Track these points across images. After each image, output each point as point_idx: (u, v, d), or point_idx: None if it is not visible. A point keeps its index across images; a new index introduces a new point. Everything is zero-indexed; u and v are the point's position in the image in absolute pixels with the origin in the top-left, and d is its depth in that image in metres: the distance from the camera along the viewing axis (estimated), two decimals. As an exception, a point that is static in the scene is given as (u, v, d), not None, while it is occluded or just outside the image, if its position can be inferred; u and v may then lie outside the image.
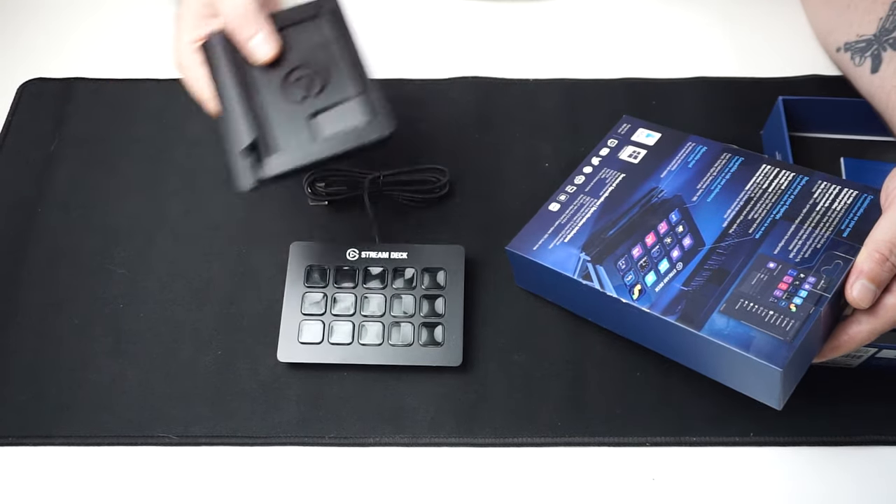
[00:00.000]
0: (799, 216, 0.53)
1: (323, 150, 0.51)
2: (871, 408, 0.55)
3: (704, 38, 0.74)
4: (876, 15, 0.63)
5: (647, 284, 0.52)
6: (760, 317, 0.48)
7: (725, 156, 0.58)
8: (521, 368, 0.57)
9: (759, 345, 0.47)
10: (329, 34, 0.54)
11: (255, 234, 0.63)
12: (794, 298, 0.49)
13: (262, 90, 0.53)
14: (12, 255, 0.62)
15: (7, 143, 0.68)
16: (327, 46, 0.54)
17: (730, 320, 0.49)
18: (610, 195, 0.57)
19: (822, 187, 0.54)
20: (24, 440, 0.55)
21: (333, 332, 0.56)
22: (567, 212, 0.57)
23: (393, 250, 0.59)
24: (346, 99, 0.52)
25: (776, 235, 0.52)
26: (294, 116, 0.52)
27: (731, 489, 0.53)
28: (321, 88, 0.53)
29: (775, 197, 0.54)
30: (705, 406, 0.55)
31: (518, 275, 0.59)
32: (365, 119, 0.51)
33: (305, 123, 0.52)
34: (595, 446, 0.55)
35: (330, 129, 0.52)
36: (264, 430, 0.55)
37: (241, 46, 0.53)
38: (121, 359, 0.58)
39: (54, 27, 0.75)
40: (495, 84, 0.70)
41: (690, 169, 0.58)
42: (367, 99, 0.52)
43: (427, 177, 0.63)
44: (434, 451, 0.55)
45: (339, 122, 0.52)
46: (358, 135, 0.51)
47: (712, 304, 0.50)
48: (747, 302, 0.49)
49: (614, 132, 0.62)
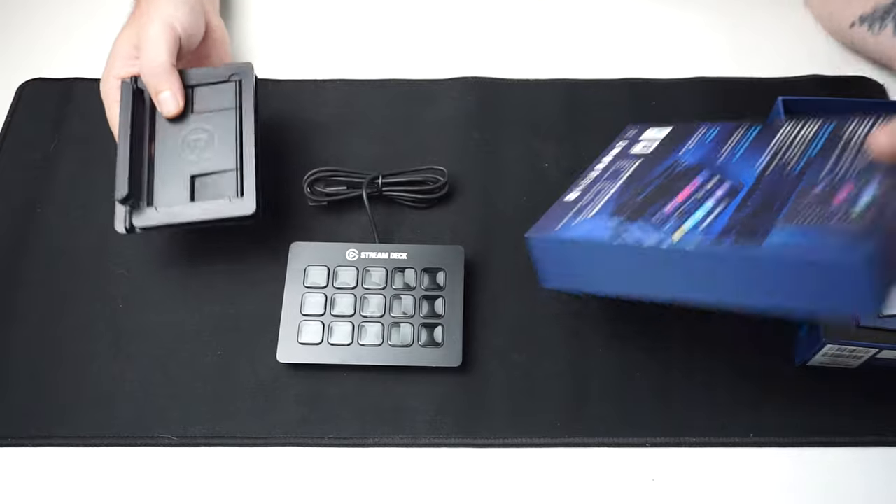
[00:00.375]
0: (836, 150, 0.49)
1: (192, 215, 0.55)
2: (871, 408, 0.55)
3: (704, 38, 0.74)
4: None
5: (689, 227, 0.47)
6: (825, 225, 0.43)
7: (743, 126, 0.55)
8: (521, 369, 0.57)
9: (833, 246, 0.41)
10: (232, 101, 0.58)
11: (255, 234, 0.62)
12: (854, 208, 0.44)
13: (161, 138, 0.57)
14: (12, 255, 0.62)
15: (7, 143, 0.68)
16: (227, 111, 0.58)
17: (793, 230, 0.43)
18: (630, 176, 0.54)
19: (854, 124, 0.51)
20: (24, 440, 0.55)
21: (333, 332, 0.56)
22: (585, 198, 0.54)
23: (393, 251, 0.59)
24: (225, 170, 0.56)
25: (816, 168, 0.48)
26: (179, 174, 0.56)
27: (731, 490, 0.53)
28: (209, 152, 0.57)
29: (805, 143, 0.51)
30: (705, 407, 0.55)
31: (542, 268, 0.54)
32: (233, 195, 0.55)
33: (186, 182, 0.56)
34: (595, 447, 0.55)
35: (203, 195, 0.55)
36: (264, 431, 0.55)
37: (153, 97, 0.58)
38: (121, 359, 0.58)
39: (54, 27, 0.75)
40: (495, 84, 0.70)
41: (708, 144, 0.55)
42: (240, 176, 0.56)
43: (427, 177, 0.63)
44: (434, 451, 0.55)
45: (213, 191, 0.56)
46: (221, 209, 0.55)
47: (768, 223, 0.44)
48: (806, 216, 0.44)
49: (621, 137, 0.61)
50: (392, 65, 0.72)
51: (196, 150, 0.57)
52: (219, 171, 0.56)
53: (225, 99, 0.59)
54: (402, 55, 0.73)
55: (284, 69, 0.71)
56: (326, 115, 0.68)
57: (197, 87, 0.59)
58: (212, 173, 0.56)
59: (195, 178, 0.56)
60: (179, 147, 0.57)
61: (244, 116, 0.58)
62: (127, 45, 0.61)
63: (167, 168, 0.57)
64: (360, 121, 0.68)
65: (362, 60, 0.72)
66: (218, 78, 0.59)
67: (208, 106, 0.59)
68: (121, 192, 0.55)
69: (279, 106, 0.69)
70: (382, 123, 0.68)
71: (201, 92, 0.59)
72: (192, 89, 0.59)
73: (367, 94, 0.70)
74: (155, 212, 0.55)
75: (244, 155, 0.57)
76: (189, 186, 0.56)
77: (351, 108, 0.69)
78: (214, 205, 0.55)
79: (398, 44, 0.74)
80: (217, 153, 0.57)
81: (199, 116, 0.58)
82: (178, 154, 0.57)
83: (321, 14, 0.76)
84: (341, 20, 0.75)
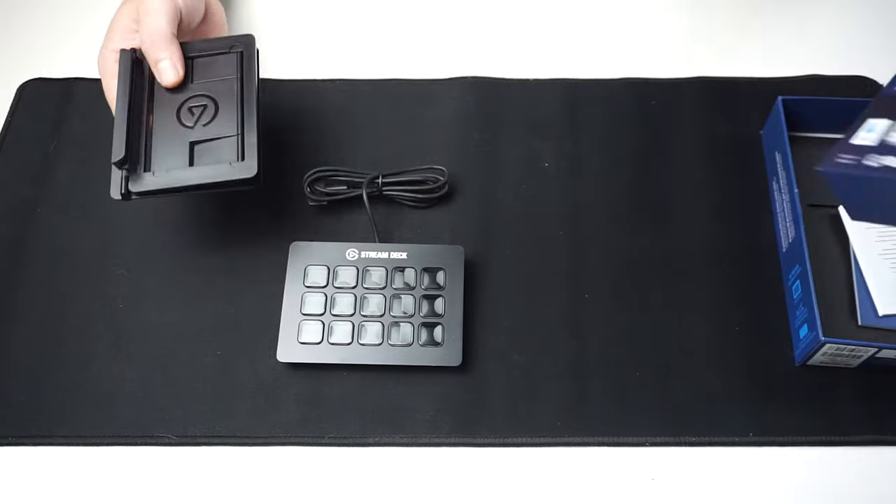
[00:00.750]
0: None
1: (190, 178, 0.54)
2: (871, 408, 0.55)
3: (704, 38, 0.74)
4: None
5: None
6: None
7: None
8: (521, 368, 0.57)
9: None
10: (233, 70, 0.57)
11: (255, 234, 0.63)
12: None
13: (159, 109, 0.56)
14: (12, 255, 0.62)
15: (7, 143, 0.68)
16: (229, 82, 0.57)
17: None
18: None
19: None
20: (24, 440, 0.55)
21: (333, 332, 0.56)
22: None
23: (392, 250, 0.59)
24: (226, 136, 0.55)
25: None
26: (178, 140, 0.55)
27: (731, 489, 0.53)
28: (210, 120, 0.56)
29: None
30: (704, 406, 0.55)
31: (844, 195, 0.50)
32: (234, 159, 0.54)
33: (185, 149, 0.55)
34: (594, 446, 0.55)
35: (203, 160, 0.54)
36: (264, 430, 0.55)
37: (152, 66, 0.57)
38: (121, 359, 0.58)
39: (54, 27, 0.75)
40: (495, 84, 0.70)
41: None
42: (241, 141, 0.55)
43: (427, 177, 0.63)
44: (433, 451, 0.55)
45: (213, 156, 0.55)
46: (222, 172, 0.54)
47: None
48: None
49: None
50: (392, 65, 0.72)
51: (195, 117, 0.56)
52: (219, 136, 0.55)
53: (226, 68, 0.58)
54: (402, 55, 0.73)
55: (285, 69, 0.71)
56: (326, 115, 0.68)
57: (197, 58, 0.58)
58: (212, 139, 0.55)
59: (194, 144, 0.55)
60: (178, 115, 0.56)
61: (245, 84, 0.57)
62: (126, 19, 0.59)
63: (165, 136, 0.55)
64: (360, 120, 0.68)
65: (363, 60, 0.72)
66: (219, 49, 0.58)
67: (209, 75, 0.58)
68: (117, 154, 0.53)
69: (279, 106, 0.69)
70: (382, 123, 0.68)
71: (201, 62, 0.58)
72: (191, 60, 0.58)
73: (367, 94, 0.70)
74: (152, 177, 0.54)
75: (245, 120, 0.56)
76: (188, 153, 0.55)
77: (351, 108, 0.69)
78: (214, 169, 0.54)
79: (398, 44, 0.74)
80: (218, 121, 0.56)
81: (199, 85, 0.57)
82: (176, 122, 0.56)
83: (321, 14, 0.76)
84: (342, 20, 0.75)
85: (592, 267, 0.61)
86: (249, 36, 0.59)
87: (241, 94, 0.57)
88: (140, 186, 0.54)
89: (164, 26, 0.57)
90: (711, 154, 0.66)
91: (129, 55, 0.57)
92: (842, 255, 0.60)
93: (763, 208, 0.63)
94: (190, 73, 0.58)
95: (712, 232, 0.62)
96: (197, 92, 0.57)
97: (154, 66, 0.57)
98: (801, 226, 0.56)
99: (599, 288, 0.60)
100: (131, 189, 0.54)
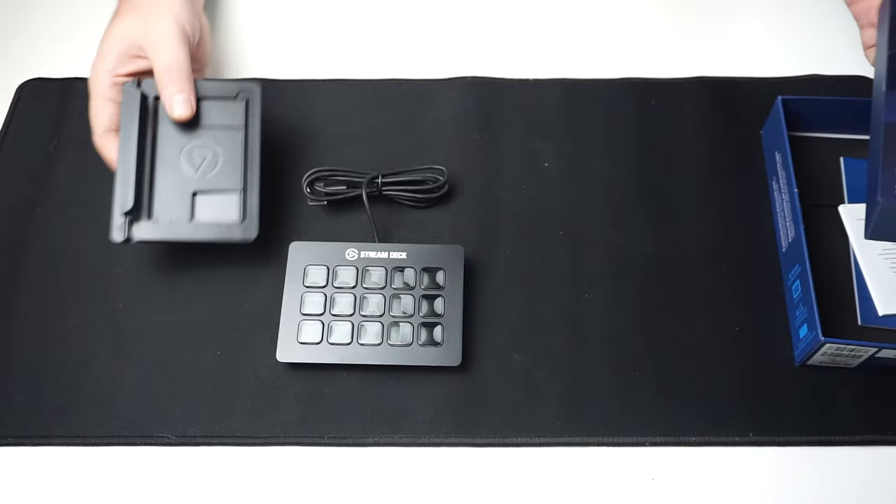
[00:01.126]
0: None
1: (190, 234, 0.55)
2: (870, 407, 0.55)
3: (704, 38, 0.74)
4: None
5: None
6: None
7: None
8: (521, 368, 0.57)
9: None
10: (240, 119, 0.57)
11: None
12: None
13: (162, 151, 0.56)
14: (12, 255, 0.62)
15: (7, 143, 0.68)
16: (234, 130, 0.57)
17: None
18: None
19: None
20: (24, 440, 0.55)
21: (332, 332, 0.56)
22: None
23: (392, 250, 0.59)
24: (229, 190, 0.55)
25: None
26: (180, 188, 0.55)
27: (731, 489, 0.53)
28: (213, 170, 0.56)
29: None
30: (705, 406, 0.55)
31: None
32: (235, 218, 0.54)
33: (187, 199, 0.55)
34: (594, 446, 0.55)
35: (204, 214, 0.55)
36: (264, 430, 0.55)
37: (165, 99, 0.56)
38: (121, 359, 0.58)
39: (54, 27, 0.75)
40: (495, 84, 0.70)
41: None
42: (244, 199, 0.55)
43: (427, 176, 0.63)
44: (433, 451, 0.55)
45: (214, 211, 0.55)
46: (223, 231, 0.55)
47: None
48: None
49: None
50: (392, 65, 0.72)
51: (199, 165, 0.56)
52: (222, 189, 0.56)
53: (233, 116, 0.58)
54: (402, 55, 0.73)
55: (284, 69, 0.71)
56: (326, 115, 0.68)
57: (203, 100, 0.58)
58: (214, 191, 0.56)
59: (196, 193, 0.56)
60: (180, 159, 0.56)
61: (250, 138, 0.57)
62: (126, 41, 0.58)
63: (168, 180, 0.56)
64: (359, 120, 0.68)
65: (362, 60, 0.72)
66: (226, 93, 0.58)
67: (215, 121, 0.57)
68: (126, 204, 0.54)
69: (279, 106, 0.69)
70: (382, 123, 0.68)
71: (208, 105, 0.58)
72: (198, 101, 0.58)
73: (367, 94, 0.70)
74: (155, 225, 0.55)
75: (249, 178, 0.56)
76: (190, 202, 0.55)
77: (351, 108, 0.69)
78: (217, 227, 0.55)
79: (398, 44, 0.74)
80: (221, 172, 0.56)
81: (204, 131, 0.57)
82: (179, 167, 0.56)
83: (321, 14, 0.76)
84: (341, 20, 0.75)
85: (592, 267, 0.61)
86: (256, 83, 0.59)
87: (245, 148, 0.57)
88: (142, 234, 0.55)
89: (182, 58, 0.56)
90: (711, 154, 0.66)
91: (135, 91, 0.56)
92: (841, 254, 0.60)
93: (763, 208, 0.63)
94: (198, 115, 0.57)
95: (712, 231, 0.62)
96: (201, 137, 0.57)
97: (167, 98, 0.56)
98: (801, 226, 0.56)
99: (599, 288, 0.60)
100: (134, 235, 0.55)
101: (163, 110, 0.58)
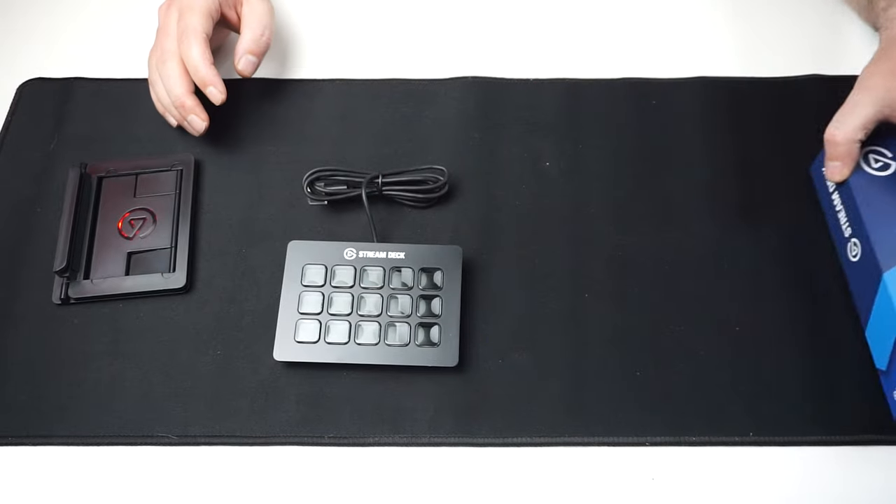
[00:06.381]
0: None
1: (125, 287, 0.59)
2: (870, 408, 0.55)
3: (705, 37, 0.74)
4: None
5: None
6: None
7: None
8: (520, 368, 0.57)
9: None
10: (173, 188, 0.63)
11: (255, 233, 0.63)
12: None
13: (103, 221, 0.62)
14: (12, 255, 0.62)
15: (7, 142, 0.68)
16: (169, 197, 0.63)
17: None
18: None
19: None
20: (24, 440, 0.55)
21: (330, 331, 0.56)
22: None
23: (390, 250, 0.59)
24: (160, 248, 0.61)
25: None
26: (116, 250, 0.61)
27: (731, 489, 0.53)
28: (148, 233, 0.61)
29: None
30: (704, 406, 0.55)
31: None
32: (166, 270, 0.60)
33: (122, 259, 0.60)
34: (594, 446, 0.54)
35: (139, 269, 0.60)
36: (263, 430, 0.55)
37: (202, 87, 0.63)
38: (121, 359, 0.58)
39: (54, 27, 0.75)
40: (495, 84, 0.70)
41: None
42: (174, 254, 0.60)
43: (427, 176, 0.63)
44: (432, 451, 0.55)
45: (147, 266, 0.60)
46: (155, 282, 0.59)
47: None
48: None
49: None
50: (392, 64, 0.72)
51: (135, 229, 0.61)
52: (154, 248, 0.61)
53: (166, 185, 0.63)
54: (402, 55, 0.73)
55: (284, 69, 0.71)
56: (326, 115, 0.68)
57: (140, 175, 0.64)
58: (147, 251, 0.61)
59: (132, 254, 0.60)
60: (120, 227, 0.61)
61: (182, 201, 0.63)
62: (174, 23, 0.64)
63: (106, 246, 0.61)
64: (360, 120, 0.68)
65: (362, 60, 0.72)
66: (161, 166, 0.64)
67: (151, 190, 0.63)
68: (59, 263, 0.58)
69: (279, 106, 0.69)
70: (382, 123, 0.68)
71: (144, 178, 0.64)
72: (136, 176, 0.64)
73: (367, 94, 0.70)
74: (90, 284, 0.59)
75: (179, 234, 0.61)
76: (125, 262, 0.60)
77: (351, 108, 0.69)
78: (147, 279, 0.59)
79: (398, 43, 0.74)
80: (155, 233, 0.61)
81: (141, 199, 0.63)
82: (117, 233, 0.61)
83: (321, 13, 0.76)
84: (341, 20, 0.75)
85: (592, 267, 0.61)
86: (189, 155, 0.65)
87: (177, 210, 0.62)
88: (79, 293, 0.59)
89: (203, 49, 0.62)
90: (711, 154, 0.66)
91: (77, 172, 0.63)
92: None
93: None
94: (134, 188, 0.63)
95: (712, 231, 0.62)
96: (138, 206, 0.62)
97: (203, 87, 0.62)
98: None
99: (599, 288, 0.60)
100: (70, 295, 0.59)
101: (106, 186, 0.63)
